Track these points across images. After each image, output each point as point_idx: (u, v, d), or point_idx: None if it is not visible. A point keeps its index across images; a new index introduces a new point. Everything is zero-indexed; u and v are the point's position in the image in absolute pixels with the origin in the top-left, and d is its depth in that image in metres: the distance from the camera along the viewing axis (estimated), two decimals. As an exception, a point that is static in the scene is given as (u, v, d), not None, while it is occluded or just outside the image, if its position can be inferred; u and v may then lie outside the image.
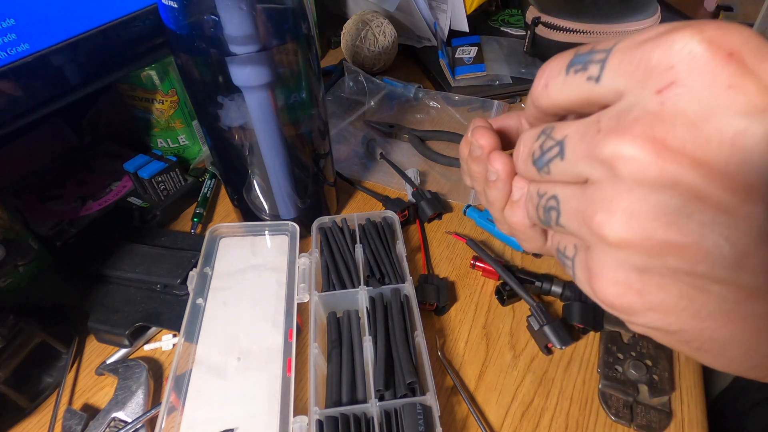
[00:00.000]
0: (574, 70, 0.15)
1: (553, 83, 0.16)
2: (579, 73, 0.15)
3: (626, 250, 0.14)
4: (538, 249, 0.22)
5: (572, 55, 0.16)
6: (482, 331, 0.41)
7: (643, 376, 0.36)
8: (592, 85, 0.15)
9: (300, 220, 0.46)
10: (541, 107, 0.17)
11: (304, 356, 0.39)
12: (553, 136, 0.16)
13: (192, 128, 0.56)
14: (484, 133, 0.21)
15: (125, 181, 0.53)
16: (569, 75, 0.16)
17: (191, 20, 0.33)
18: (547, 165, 0.16)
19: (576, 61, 0.16)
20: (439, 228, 0.51)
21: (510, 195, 0.20)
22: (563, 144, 0.15)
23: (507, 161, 0.20)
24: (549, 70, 0.17)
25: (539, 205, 0.18)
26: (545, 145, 0.16)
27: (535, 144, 0.17)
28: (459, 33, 0.80)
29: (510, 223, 0.21)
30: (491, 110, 0.67)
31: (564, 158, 0.15)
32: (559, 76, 0.16)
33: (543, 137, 0.17)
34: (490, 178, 0.21)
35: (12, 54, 0.35)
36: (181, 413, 0.34)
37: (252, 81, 0.35)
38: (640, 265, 0.14)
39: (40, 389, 0.38)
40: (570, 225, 0.16)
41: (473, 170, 0.23)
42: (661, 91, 0.13)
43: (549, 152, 0.16)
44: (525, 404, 0.36)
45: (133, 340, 0.40)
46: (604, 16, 0.67)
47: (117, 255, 0.44)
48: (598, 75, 0.15)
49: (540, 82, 0.17)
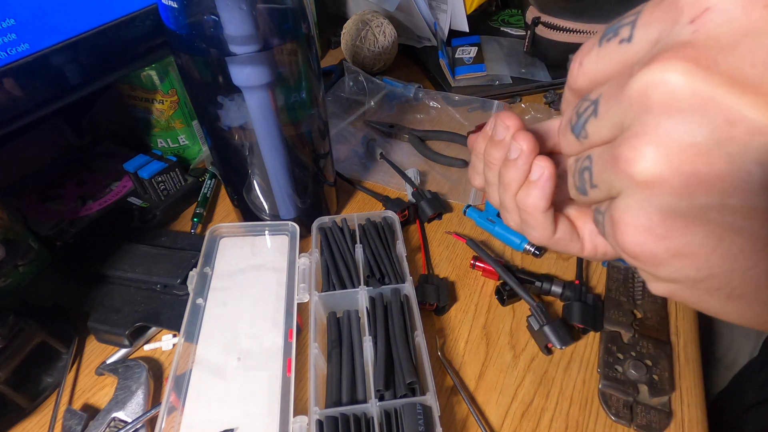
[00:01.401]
0: (606, 40, 0.15)
1: (587, 59, 0.16)
2: (611, 40, 0.15)
3: (652, 189, 0.13)
4: (546, 239, 0.22)
5: (604, 30, 0.16)
6: (482, 331, 0.41)
7: (643, 376, 0.36)
8: (625, 46, 0.15)
9: (300, 220, 0.46)
10: (579, 88, 0.17)
11: (304, 356, 0.39)
12: (589, 98, 0.16)
13: (192, 128, 0.56)
14: (511, 115, 0.22)
15: (125, 181, 0.53)
16: (602, 46, 0.16)
17: (191, 20, 0.33)
18: (583, 128, 0.16)
19: (607, 32, 0.16)
20: (439, 228, 0.51)
21: (529, 175, 0.21)
22: (597, 101, 0.15)
23: (532, 139, 0.20)
24: (582, 50, 0.17)
25: (575, 171, 0.17)
26: (581, 107, 0.16)
27: (573, 111, 0.17)
28: (459, 33, 0.80)
29: (524, 205, 0.21)
30: (491, 110, 0.67)
31: (597, 114, 0.15)
32: (593, 51, 0.16)
33: (580, 102, 0.17)
34: (511, 156, 0.21)
35: (12, 54, 0.35)
36: (181, 413, 0.34)
37: (252, 81, 0.35)
38: (666, 205, 0.13)
39: (40, 389, 0.38)
40: (601, 180, 0.16)
41: (492, 157, 0.23)
42: (694, 20, 0.13)
43: (584, 113, 0.16)
44: (525, 404, 0.36)
45: (133, 340, 0.40)
46: (604, 16, 0.67)
47: (117, 255, 0.44)
48: (630, 34, 0.14)
49: (575, 63, 0.17)
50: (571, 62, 0.17)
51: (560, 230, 0.22)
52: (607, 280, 0.44)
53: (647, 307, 0.41)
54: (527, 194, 0.21)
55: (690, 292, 0.15)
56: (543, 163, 0.20)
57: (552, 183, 0.20)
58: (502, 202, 0.23)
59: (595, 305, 0.40)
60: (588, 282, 0.44)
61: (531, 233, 0.23)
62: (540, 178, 0.20)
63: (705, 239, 0.13)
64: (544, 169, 0.20)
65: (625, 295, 0.42)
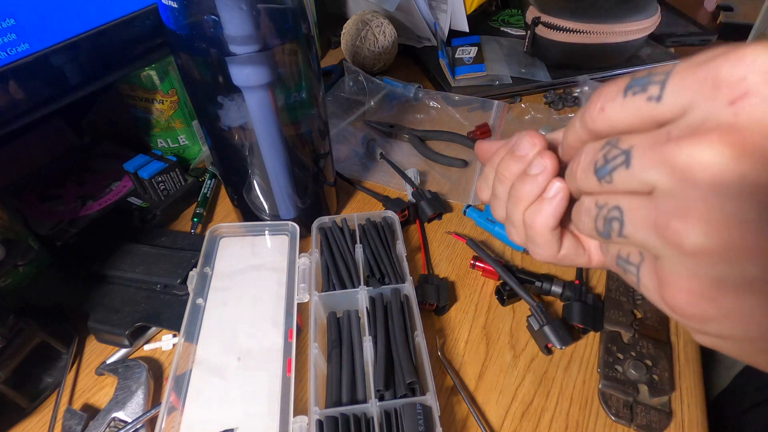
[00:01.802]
0: (633, 92, 0.16)
1: (610, 106, 0.17)
2: (638, 95, 0.15)
3: (703, 259, 0.14)
4: (551, 257, 0.23)
5: (628, 79, 0.16)
6: (482, 331, 0.41)
7: (643, 376, 0.36)
8: (653, 104, 0.15)
9: (300, 220, 0.46)
10: (596, 129, 0.18)
11: (304, 356, 0.39)
12: (619, 146, 0.16)
13: (192, 128, 0.56)
14: (537, 134, 0.22)
15: (125, 181, 0.53)
16: (627, 97, 0.16)
17: (191, 20, 0.33)
18: (609, 174, 0.16)
19: (633, 84, 0.16)
20: (439, 228, 0.51)
21: (544, 192, 0.21)
22: (629, 153, 0.16)
23: (556, 158, 0.21)
24: (605, 95, 0.17)
25: (598, 216, 0.18)
26: (609, 154, 0.16)
27: (599, 154, 0.17)
28: (459, 33, 0.80)
29: (531, 222, 0.22)
30: (491, 110, 0.67)
31: (630, 166, 0.16)
32: (617, 99, 0.16)
33: (608, 147, 0.17)
34: (532, 171, 0.21)
35: (12, 54, 0.35)
36: (181, 413, 0.34)
37: (252, 81, 0.35)
38: (717, 273, 0.14)
39: (40, 389, 0.38)
40: (636, 235, 0.16)
41: (507, 170, 0.23)
42: (734, 102, 0.13)
43: (613, 161, 0.16)
44: (525, 404, 0.36)
45: (133, 340, 0.40)
46: (604, 16, 0.67)
47: (117, 255, 0.44)
48: (659, 94, 0.15)
49: (596, 106, 0.17)
50: (591, 103, 0.17)
51: (565, 247, 0.23)
52: (607, 280, 0.44)
53: (647, 307, 0.41)
54: (538, 211, 0.21)
55: (738, 347, 0.16)
56: (561, 184, 0.21)
57: (565, 204, 0.21)
58: (509, 216, 0.24)
59: (595, 305, 0.40)
60: (588, 282, 0.44)
61: (536, 251, 0.23)
62: (555, 197, 0.21)
63: (756, 305, 0.14)
64: (561, 190, 0.21)
65: (625, 295, 0.42)
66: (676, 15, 0.85)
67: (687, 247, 0.14)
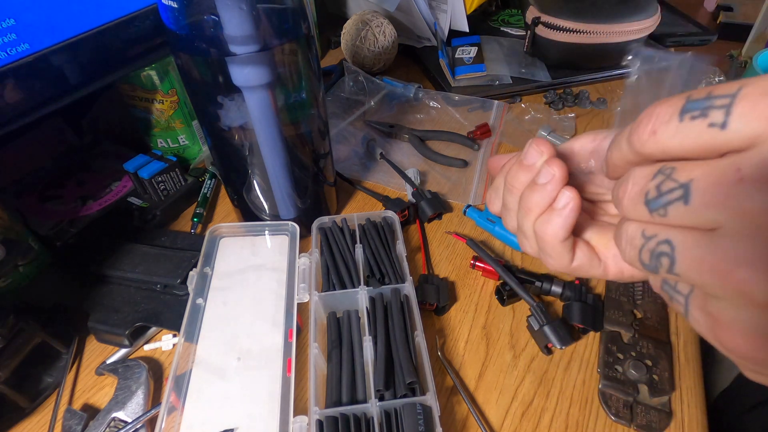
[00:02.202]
0: (690, 117, 0.14)
1: (663, 129, 0.15)
2: (697, 120, 0.14)
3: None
4: (563, 267, 0.22)
5: (684, 100, 0.15)
6: (482, 331, 0.41)
7: (643, 376, 0.36)
8: (715, 131, 0.14)
9: (300, 220, 0.46)
10: (646, 153, 0.16)
11: (304, 356, 0.39)
12: (676, 178, 0.15)
13: (192, 128, 0.56)
14: (545, 142, 0.22)
15: (125, 181, 0.53)
16: (684, 121, 0.15)
17: (191, 20, 0.33)
18: (664, 207, 0.15)
19: (691, 107, 0.14)
20: (439, 228, 0.51)
21: (554, 202, 0.21)
22: (689, 187, 0.14)
23: (564, 167, 0.21)
24: (657, 116, 0.15)
25: (644, 247, 0.16)
26: (664, 186, 0.15)
27: (650, 183, 0.16)
28: (459, 33, 0.80)
29: (542, 233, 0.21)
30: (491, 110, 0.67)
31: (689, 203, 0.14)
32: (671, 123, 0.15)
33: (661, 177, 0.15)
34: (540, 180, 0.21)
35: (12, 54, 0.35)
36: (181, 413, 0.34)
37: (252, 81, 0.35)
38: None
39: (40, 389, 0.38)
40: (689, 275, 0.15)
41: (517, 180, 0.23)
42: None
43: (669, 194, 0.15)
44: (525, 404, 0.36)
45: (133, 340, 0.40)
46: (604, 16, 0.67)
47: (117, 255, 0.44)
48: (724, 121, 0.14)
49: (646, 128, 0.16)
50: (640, 123, 0.16)
51: (578, 257, 0.22)
52: (607, 281, 0.44)
53: (647, 307, 0.41)
54: (548, 221, 0.21)
55: None
56: (571, 194, 0.20)
57: (576, 214, 0.20)
58: (520, 227, 0.23)
59: (595, 305, 0.40)
60: (588, 282, 0.44)
61: (548, 261, 0.23)
62: (565, 207, 0.20)
63: None
64: (571, 200, 0.20)
65: (625, 295, 0.42)
66: (676, 15, 0.85)
67: (759, 299, 0.13)
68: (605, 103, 0.68)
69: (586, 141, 0.23)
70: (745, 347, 0.14)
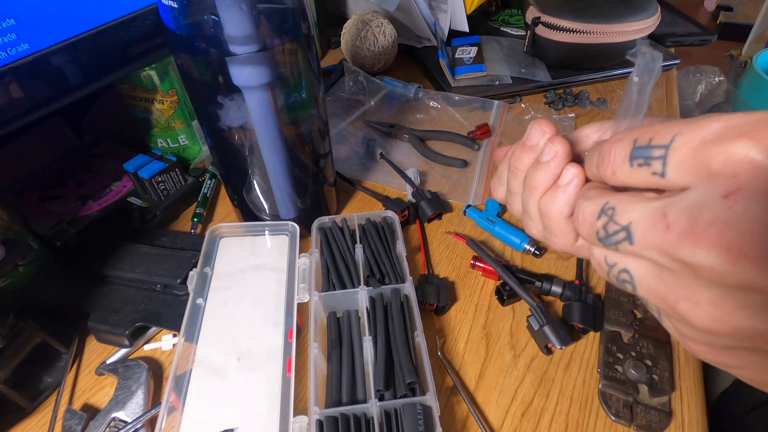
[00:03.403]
0: (638, 164, 0.17)
1: (620, 172, 0.18)
2: (643, 167, 0.16)
3: (713, 335, 0.15)
4: (568, 246, 0.23)
5: (631, 144, 0.17)
6: (482, 331, 0.41)
7: (643, 376, 0.36)
8: (657, 179, 0.16)
9: (300, 220, 0.46)
10: (612, 184, 0.19)
11: (304, 356, 0.39)
12: (617, 221, 0.17)
13: (192, 128, 0.56)
14: (547, 122, 0.22)
15: (125, 181, 0.53)
16: (634, 168, 0.17)
17: (191, 20, 0.33)
18: (615, 245, 0.17)
19: (637, 154, 0.17)
20: (439, 228, 0.51)
21: (558, 179, 0.21)
22: (629, 230, 0.16)
23: (567, 144, 0.21)
24: (613, 161, 0.18)
25: (610, 273, 0.19)
26: (609, 228, 0.17)
27: (597, 223, 0.18)
28: (459, 33, 0.80)
29: (547, 210, 0.22)
30: (491, 110, 0.67)
31: (633, 243, 0.16)
32: (624, 167, 0.17)
33: (605, 218, 0.18)
34: (544, 158, 0.21)
35: (12, 54, 0.35)
36: (181, 413, 0.34)
37: (252, 81, 0.35)
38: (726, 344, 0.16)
39: (40, 389, 0.38)
40: (649, 300, 0.17)
41: (520, 162, 0.23)
42: (727, 197, 0.14)
43: (615, 235, 0.17)
44: (525, 404, 0.36)
45: (133, 340, 0.40)
46: (604, 16, 0.67)
47: (117, 255, 0.44)
48: (662, 171, 0.16)
49: (607, 169, 0.18)
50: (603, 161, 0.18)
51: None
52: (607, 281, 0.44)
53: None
54: (553, 198, 0.21)
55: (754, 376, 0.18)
56: (575, 170, 0.21)
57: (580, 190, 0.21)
58: (525, 208, 0.24)
59: (595, 305, 0.40)
60: (588, 282, 0.44)
61: (553, 240, 0.23)
62: (569, 183, 0.21)
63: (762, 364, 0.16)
64: (575, 175, 0.21)
65: (625, 295, 0.42)
66: (675, 15, 0.85)
67: (697, 326, 0.15)
68: (605, 103, 0.68)
69: (591, 131, 0.24)
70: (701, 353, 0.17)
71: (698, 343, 0.17)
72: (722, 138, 0.14)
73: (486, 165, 0.58)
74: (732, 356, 0.16)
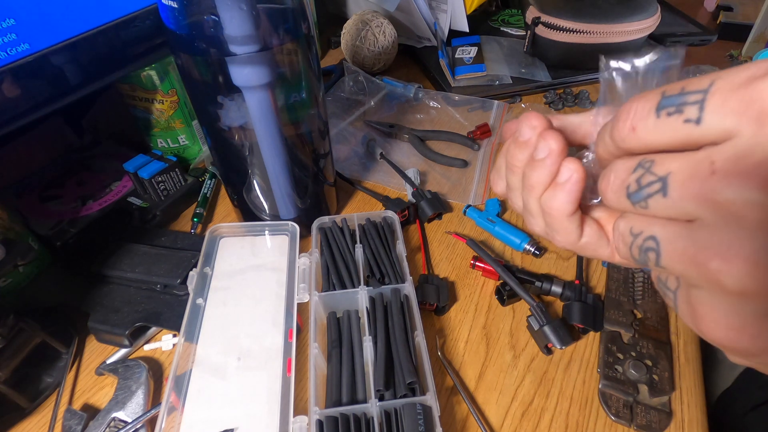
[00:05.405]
0: (667, 113, 0.15)
1: (642, 126, 0.16)
2: (673, 116, 0.15)
3: (744, 298, 0.14)
4: (572, 244, 0.22)
5: (659, 96, 0.15)
6: (482, 331, 0.41)
7: (643, 376, 0.36)
8: (691, 127, 0.14)
9: (300, 220, 0.46)
10: (628, 148, 0.17)
11: (304, 356, 0.39)
12: (654, 171, 0.15)
13: (192, 128, 0.56)
14: (536, 115, 0.21)
15: (125, 181, 0.53)
16: (661, 118, 0.15)
17: (191, 20, 0.33)
18: (645, 200, 0.16)
19: (666, 103, 0.15)
20: (439, 228, 0.51)
21: (556, 176, 0.20)
22: (666, 181, 0.15)
23: (561, 138, 0.20)
24: (634, 113, 0.16)
25: (633, 244, 0.17)
26: (644, 179, 0.16)
27: (630, 177, 0.16)
28: (459, 33, 0.80)
29: (548, 208, 0.21)
30: (491, 110, 0.67)
31: (667, 195, 0.15)
32: (649, 119, 0.15)
33: (641, 171, 0.16)
34: (538, 156, 0.20)
35: (12, 54, 0.35)
36: (181, 413, 0.34)
37: (252, 81, 0.35)
38: (757, 311, 0.14)
39: (40, 389, 0.38)
40: (673, 267, 0.15)
41: (515, 158, 0.22)
42: None
43: (648, 187, 0.15)
44: (525, 404, 0.36)
45: (133, 340, 0.40)
46: (604, 16, 0.67)
47: (117, 255, 0.44)
48: (698, 116, 0.14)
49: (625, 125, 0.16)
50: (619, 119, 0.16)
51: (587, 234, 0.21)
52: (607, 280, 0.44)
53: (647, 307, 0.41)
54: (553, 196, 0.20)
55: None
56: (573, 166, 0.20)
57: (580, 187, 0.20)
58: (526, 206, 0.23)
59: (595, 305, 0.40)
60: (588, 282, 0.44)
61: (556, 238, 0.22)
62: (568, 180, 0.20)
63: None
64: (573, 172, 0.20)
65: (625, 295, 0.42)
66: (676, 15, 0.85)
67: (729, 287, 0.13)
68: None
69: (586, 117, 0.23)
70: (724, 337, 0.15)
71: (726, 316, 0.14)
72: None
73: (486, 165, 0.58)
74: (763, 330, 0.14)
